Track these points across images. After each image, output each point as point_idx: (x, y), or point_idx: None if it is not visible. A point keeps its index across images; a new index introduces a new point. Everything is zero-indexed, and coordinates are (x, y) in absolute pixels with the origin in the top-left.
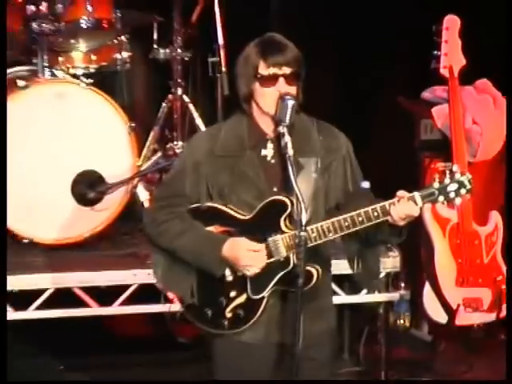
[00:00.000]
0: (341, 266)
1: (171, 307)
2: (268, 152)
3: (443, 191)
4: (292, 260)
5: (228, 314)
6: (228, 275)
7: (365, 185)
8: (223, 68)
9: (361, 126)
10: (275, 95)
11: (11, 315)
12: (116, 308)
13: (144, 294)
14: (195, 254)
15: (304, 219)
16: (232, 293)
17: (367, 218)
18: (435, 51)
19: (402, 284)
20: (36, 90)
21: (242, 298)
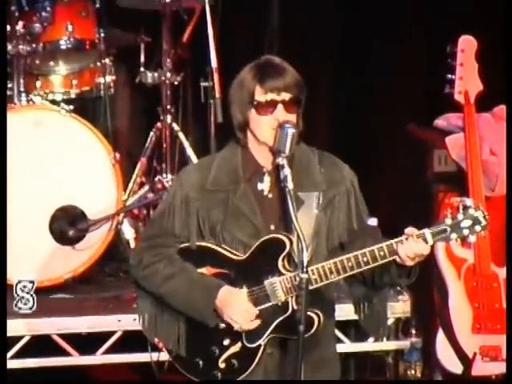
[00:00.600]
0: (346, 311)
1: (159, 356)
2: (265, 186)
3: (456, 228)
4: (291, 304)
5: (221, 365)
6: (221, 322)
7: (372, 222)
8: (216, 93)
9: (367, 157)
10: (273, 123)
11: None
12: (99, 357)
13: (129, 342)
14: (186, 302)
15: (305, 258)
16: (225, 341)
17: (373, 258)
18: (449, 75)
19: (413, 331)
20: (11, 118)
21: (237, 347)
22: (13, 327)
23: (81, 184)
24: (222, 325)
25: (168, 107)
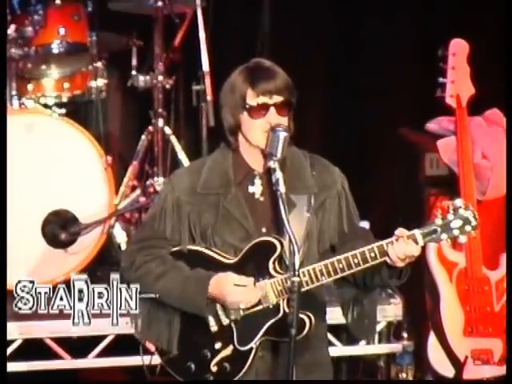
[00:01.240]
0: (337, 315)
1: (151, 359)
2: (256, 189)
3: (446, 228)
4: (282, 307)
5: (213, 368)
6: (212, 325)
7: (364, 226)
8: (208, 97)
9: (359, 161)
10: (265, 127)
11: None
12: (91, 360)
13: (121, 345)
14: (179, 295)
15: (297, 261)
16: (217, 344)
17: (363, 260)
18: (441, 78)
19: (405, 334)
20: None
21: (229, 350)
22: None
23: (73, 187)
24: (214, 328)
25: (160, 111)
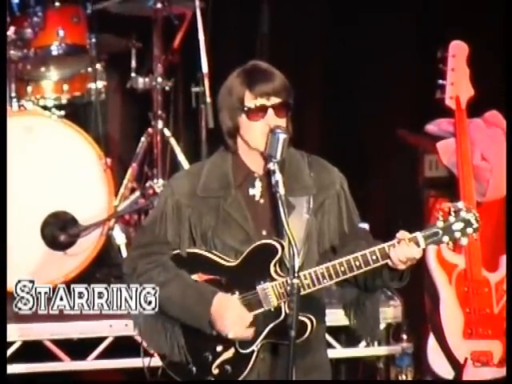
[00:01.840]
0: (337, 317)
1: (150, 361)
2: (256, 191)
3: (448, 231)
4: (283, 310)
5: (214, 371)
6: (214, 329)
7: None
8: (208, 99)
9: (358, 163)
10: (264, 129)
11: None
12: (90, 362)
13: (121, 347)
14: (181, 307)
15: (297, 265)
16: (218, 347)
17: (365, 262)
18: (440, 80)
19: (405, 336)
20: None
21: (230, 353)
22: None
23: (72, 189)
24: (216, 331)
25: (159, 112)
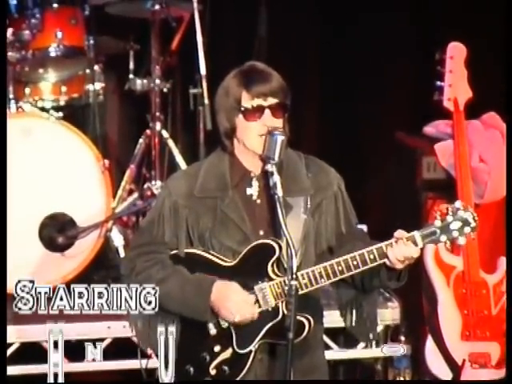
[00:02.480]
0: (335, 318)
1: (147, 363)
2: (253, 191)
3: (445, 230)
4: (281, 310)
5: (212, 371)
6: (211, 328)
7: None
8: (205, 100)
9: (356, 164)
10: (261, 129)
11: None
12: (88, 364)
13: (119, 349)
14: (181, 301)
15: (295, 265)
16: (216, 347)
17: (363, 262)
18: (438, 82)
19: (402, 338)
20: None
21: (228, 353)
22: None
23: (70, 191)
24: (213, 331)
25: (157, 114)
